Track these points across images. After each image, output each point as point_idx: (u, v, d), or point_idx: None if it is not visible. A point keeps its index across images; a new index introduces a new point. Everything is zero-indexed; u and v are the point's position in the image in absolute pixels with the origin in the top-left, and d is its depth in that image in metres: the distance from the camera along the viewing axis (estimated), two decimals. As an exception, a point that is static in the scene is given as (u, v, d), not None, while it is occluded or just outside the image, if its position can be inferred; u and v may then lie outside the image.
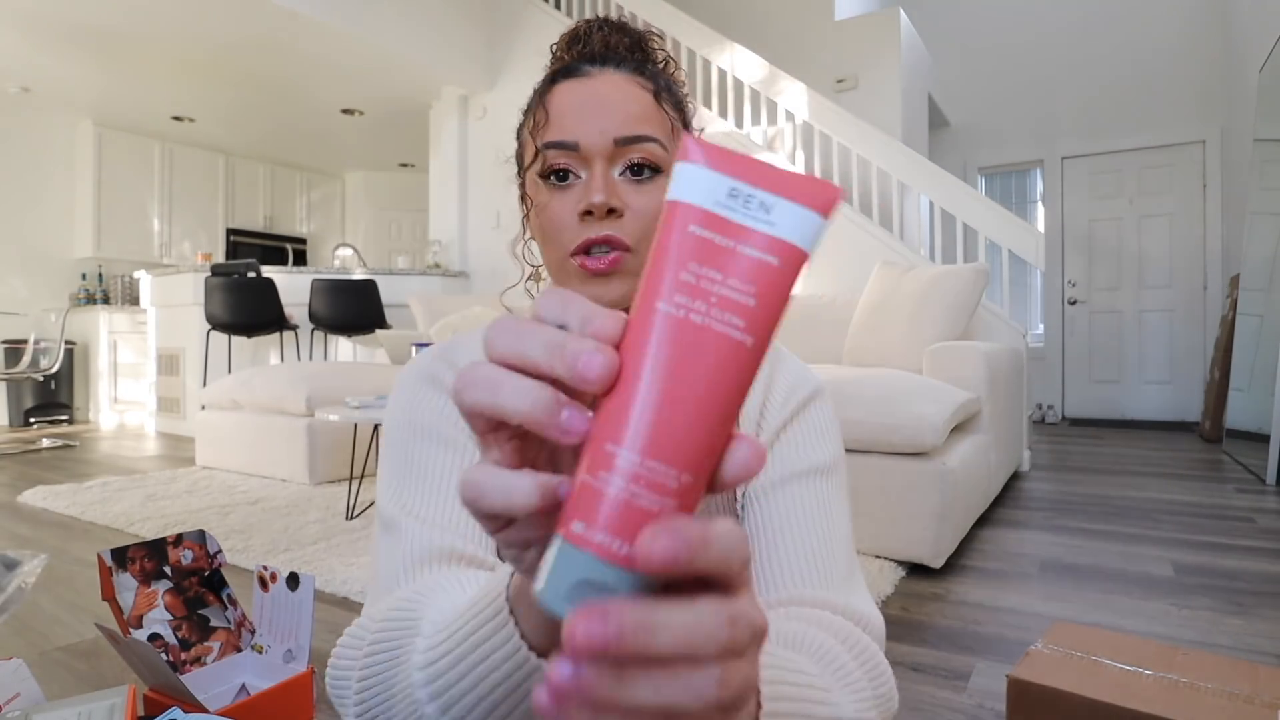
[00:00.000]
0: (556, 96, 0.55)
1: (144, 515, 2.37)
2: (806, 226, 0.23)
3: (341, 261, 5.43)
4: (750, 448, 0.22)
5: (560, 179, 0.54)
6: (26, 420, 5.19)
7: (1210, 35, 4.89)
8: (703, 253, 0.22)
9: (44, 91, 5.15)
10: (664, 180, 0.54)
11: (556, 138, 0.53)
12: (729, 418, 0.22)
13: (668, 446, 0.22)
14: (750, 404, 0.58)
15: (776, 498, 0.56)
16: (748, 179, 0.23)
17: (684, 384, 0.22)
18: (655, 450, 0.22)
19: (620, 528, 0.21)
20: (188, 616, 1.04)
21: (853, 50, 4.76)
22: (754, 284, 0.22)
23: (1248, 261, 3.73)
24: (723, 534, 0.21)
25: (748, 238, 0.22)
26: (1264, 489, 2.79)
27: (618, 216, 0.53)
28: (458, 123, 5.06)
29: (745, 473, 0.22)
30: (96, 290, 5.82)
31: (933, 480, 1.79)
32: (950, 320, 2.60)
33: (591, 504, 0.22)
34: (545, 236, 0.55)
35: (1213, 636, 1.41)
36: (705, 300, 0.22)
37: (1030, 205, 5.69)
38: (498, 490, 0.23)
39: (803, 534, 0.54)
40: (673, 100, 0.57)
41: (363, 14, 4.17)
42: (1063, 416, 5.36)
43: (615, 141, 0.53)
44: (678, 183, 0.23)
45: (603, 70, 0.55)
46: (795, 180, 0.23)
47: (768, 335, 0.23)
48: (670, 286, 0.22)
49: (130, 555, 1.01)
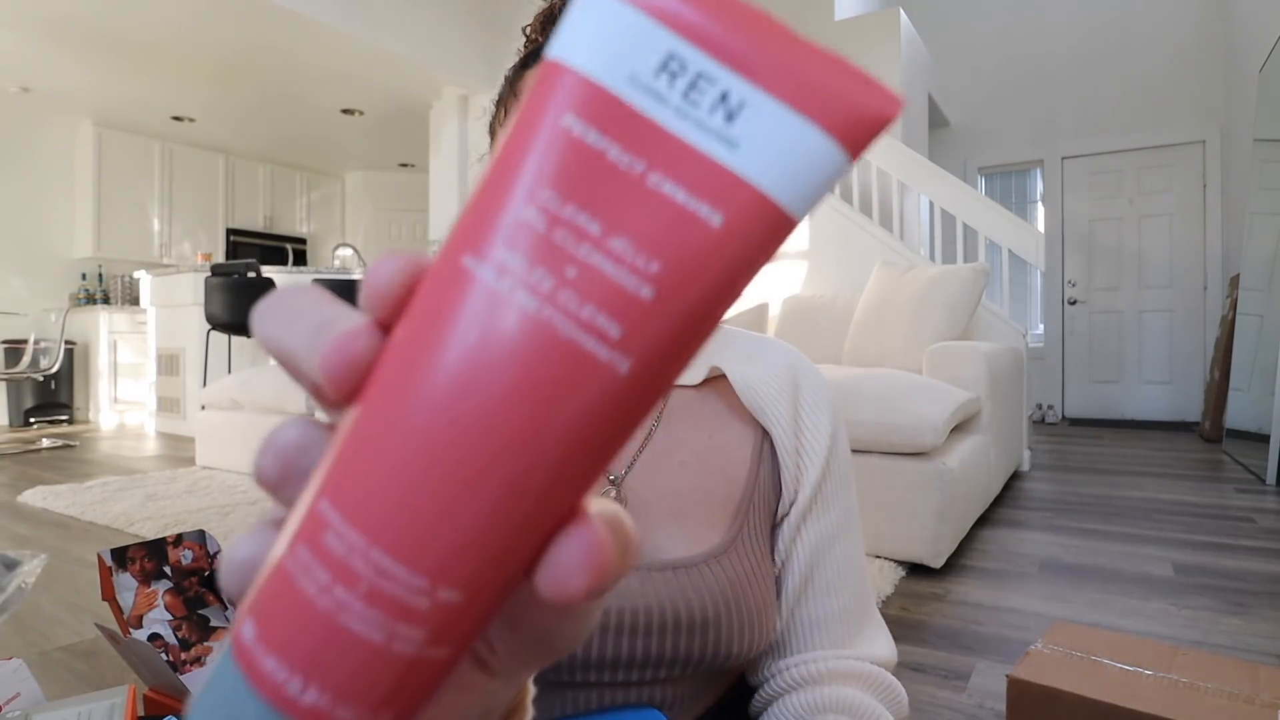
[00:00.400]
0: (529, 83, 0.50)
1: (144, 515, 2.37)
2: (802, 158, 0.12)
3: (341, 262, 5.43)
4: (585, 549, 0.13)
5: None
6: (26, 420, 5.19)
7: (1210, 35, 4.89)
8: (578, 174, 0.12)
9: (44, 91, 5.15)
10: None
11: None
12: (552, 495, 0.12)
13: (413, 535, 0.12)
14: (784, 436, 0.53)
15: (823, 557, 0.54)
16: (706, 39, 0.12)
17: (472, 424, 0.12)
18: (389, 536, 0.12)
19: (306, 659, 0.12)
20: (188, 616, 1.04)
21: (853, 50, 4.76)
22: (662, 255, 0.12)
23: (1248, 261, 3.73)
24: None
25: (674, 160, 0.12)
26: (1264, 489, 2.79)
27: None
28: (458, 123, 5.06)
29: (566, 591, 0.13)
30: (96, 290, 5.82)
31: (933, 480, 1.79)
32: (950, 320, 2.60)
33: (273, 597, 0.13)
34: None
35: (1213, 636, 1.40)
36: (558, 270, 0.12)
37: (1030, 205, 5.69)
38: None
39: (841, 595, 0.54)
40: None
41: (363, 14, 4.17)
42: (1063, 416, 5.36)
43: None
44: (568, 27, 0.13)
45: None
46: (808, 62, 0.13)
47: (670, 360, 0.12)
48: (499, 229, 0.12)
49: (130, 555, 1.01)
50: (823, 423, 0.55)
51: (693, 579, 0.48)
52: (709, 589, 0.48)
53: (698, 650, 0.47)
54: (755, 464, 0.53)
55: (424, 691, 0.13)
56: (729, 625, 0.48)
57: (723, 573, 0.49)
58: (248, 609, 0.13)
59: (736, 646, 0.48)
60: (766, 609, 0.51)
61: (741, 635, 0.48)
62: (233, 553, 0.15)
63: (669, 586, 0.47)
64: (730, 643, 0.48)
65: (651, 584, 0.47)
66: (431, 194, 5.22)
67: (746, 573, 0.50)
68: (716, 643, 0.47)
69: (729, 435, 0.54)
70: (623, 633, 0.46)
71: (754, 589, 0.50)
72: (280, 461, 0.15)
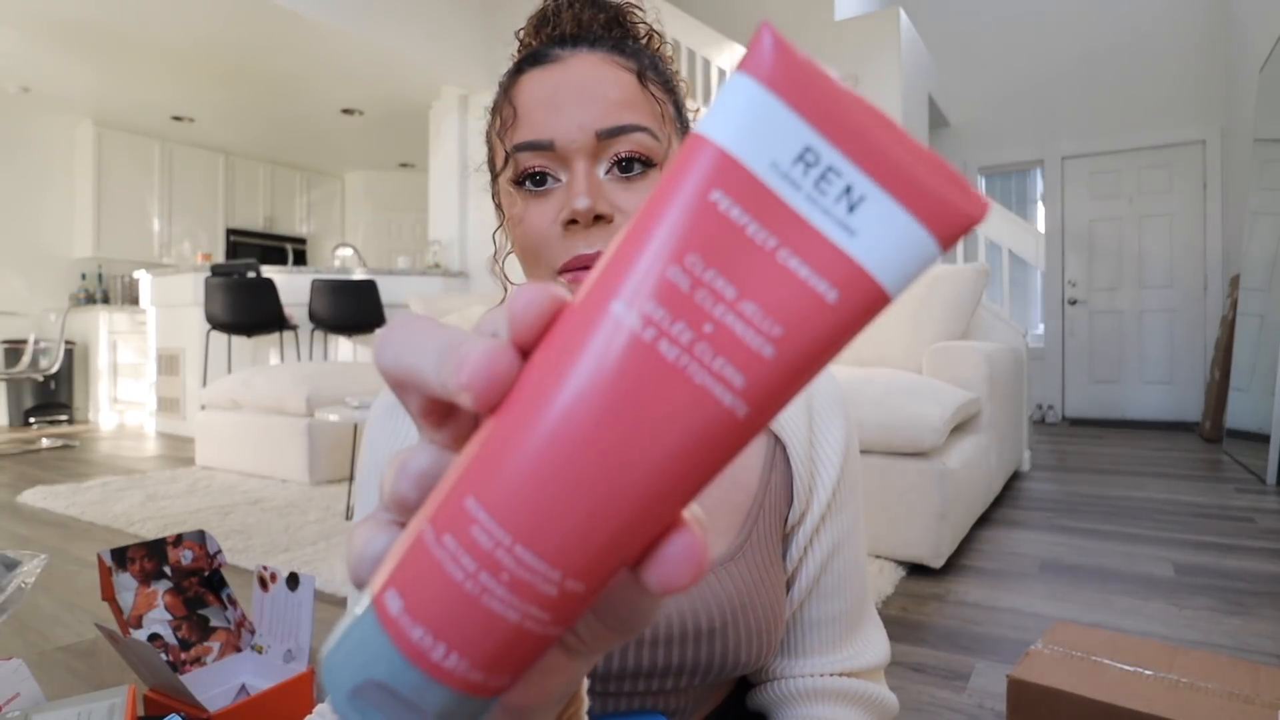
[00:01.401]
0: (524, 88, 0.47)
1: (144, 515, 2.37)
2: (906, 250, 0.14)
3: (341, 261, 5.43)
4: (690, 550, 0.16)
5: (536, 184, 0.46)
6: (26, 420, 5.19)
7: (1210, 35, 4.89)
8: (719, 243, 0.14)
9: (44, 91, 5.16)
10: (657, 174, 0.46)
11: (527, 137, 0.45)
12: (667, 510, 0.15)
13: (555, 535, 0.14)
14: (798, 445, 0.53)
15: (831, 563, 0.55)
16: (839, 136, 0.14)
17: (612, 447, 0.14)
18: (534, 535, 0.14)
19: (451, 631, 0.15)
20: (188, 616, 1.04)
21: (853, 50, 4.76)
22: (784, 322, 0.14)
23: (1248, 261, 3.73)
24: None
25: (802, 240, 0.14)
26: (1264, 489, 2.79)
27: (607, 223, 0.44)
28: (458, 122, 5.06)
29: (672, 585, 0.16)
30: (96, 290, 5.82)
31: (933, 480, 1.79)
32: (950, 320, 2.60)
33: (420, 577, 0.15)
34: (526, 252, 0.47)
35: (1213, 636, 1.40)
36: (695, 325, 0.14)
37: (1030, 205, 5.69)
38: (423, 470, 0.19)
39: (841, 599, 0.56)
40: (660, 80, 0.49)
41: (362, 14, 4.17)
42: (1063, 416, 5.36)
43: (596, 135, 0.44)
44: (720, 108, 0.14)
45: (575, 52, 0.47)
46: (918, 164, 0.14)
47: (776, 407, 0.15)
48: (644, 281, 0.14)
49: (130, 555, 1.01)
50: (836, 431, 0.55)
51: (700, 588, 0.47)
52: (716, 598, 0.47)
53: (705, 659, 0.47)
54: (768, 472, 0.53)
55: (532, 661, 0.16)
56: (736, 634, 0.48)
57: (730, 581, 0.48)
58: (388, 583, 0.16)
59: (745, 655, 0.48)
60: (775, 618, 0.51)
61: (750, 644, 0.48)
62: (366, 548, 0.18)
63: (678, 597, 0.46)
64: (739, 651, 0.48)
65: None
66: (431, 194, 5.22)
67: (755, 581, 0.50)
68: (724, 652, 0.47)
69: None
70: (632, 644, 0.46)
71: (762, 597, 0.50)
72: (420, 486, 0.17)
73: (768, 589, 0.50)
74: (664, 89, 0.49)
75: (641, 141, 0.45)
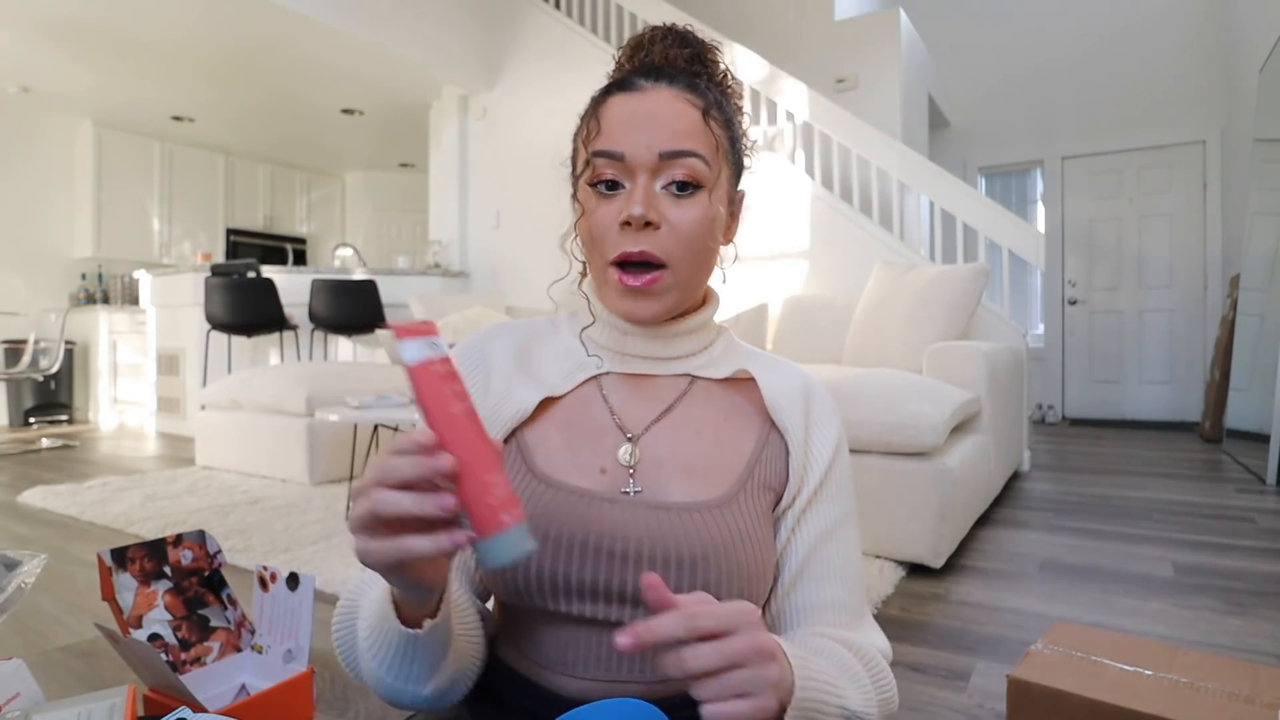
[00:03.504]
0: (610, 108, 0.57)
1: (144, 515, 2.37)
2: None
3: (341, 261, 5.43)
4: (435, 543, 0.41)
5: (608, 188, 0.56)
6: (26, 420, 5.19)
7: (1210, 35, 4.89)
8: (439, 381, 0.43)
9: (44, 91, 5.15)
10: (705, 195, 0.57)
11: (605, 147, 0.56)
12: (478, 467, 0.42)
13: (484, 461, 0.42)
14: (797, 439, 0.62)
15: (819, 549, 0.61)
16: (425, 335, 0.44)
17: (464, 439, 0.42)
18: (486, 465, 0.42)
19: (514, 507, 0.42)
20: (188, 616, 1.04)
21: (853, 50, 4.76)
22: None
23: (1248, 261, 3.73)
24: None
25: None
26: (1264, 489, 2.79)
27: (655, 229, 0.55)
28: (458, 123, 5.06)
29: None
30: (96, 290, 5.82)
31: (933, 480, 1.79)
32: (950, 320, 2.60)
33: (502, 504, 0.41)
34: (590, 241, 0.58)
35: (1213, 636, 1.40)
36: (458, 391, 0.43)
37: (1030, 205, 5.69)
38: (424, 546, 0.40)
39: (834, 585, 0.61)
40: (722, 118, 0.59)
41: (363, 14, 4.17)
42: (1063, 416, 5.36)
43: (659, 155, 0.55)
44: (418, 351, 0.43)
45: (655, 85, 0.57)
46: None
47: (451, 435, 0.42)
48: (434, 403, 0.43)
49: (130, 555, 1.01)
50: (830, 434, 0.63)
51: (695, 521, 0.56)
52: (709, 532, 0.55)
53: (689, 587, 0.53)
54: (760, 448, 0.62)
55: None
56: (719, 568, 0.54)
57: (723, 520, 0.56)
58: (494, 513, 0.42)
59: (726, 594, 0.54)
60: (762, 566, 0.58)
61: (733, 580, 0.55)
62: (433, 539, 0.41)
63: (672, 526, 0.55)
64: (722, 585, 0.54)
65: (657, 521, 0.55)
66: (431, 194, 5.22)
67: (745, 529, 0.57)
68: (709, 584, 0.54)
69: (741, 422, 0.63)
70: (628, 560, 0.54)
71: (750, 543, 0.57)
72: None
73: (756, 540, 0.58)
74: (724, 125, 0.60)
75: (695, 166, 0.56)
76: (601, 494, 0.57)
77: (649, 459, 0.59)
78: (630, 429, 0.60)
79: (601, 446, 0.59)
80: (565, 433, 0.60)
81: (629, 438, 0.60)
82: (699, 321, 0.63)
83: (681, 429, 0.60)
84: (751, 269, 3.69)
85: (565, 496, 0.56)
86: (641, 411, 0.61)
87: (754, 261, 3.69)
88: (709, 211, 0.57)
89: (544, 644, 0.57)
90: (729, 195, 0.61)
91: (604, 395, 0.62)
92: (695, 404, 0.62)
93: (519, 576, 0.55)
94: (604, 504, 0.56)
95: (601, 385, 0.63)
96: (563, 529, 0.54)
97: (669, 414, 0.61)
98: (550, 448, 0.60)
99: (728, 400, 0.63)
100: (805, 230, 3.63)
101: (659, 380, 0.63)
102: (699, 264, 0.58)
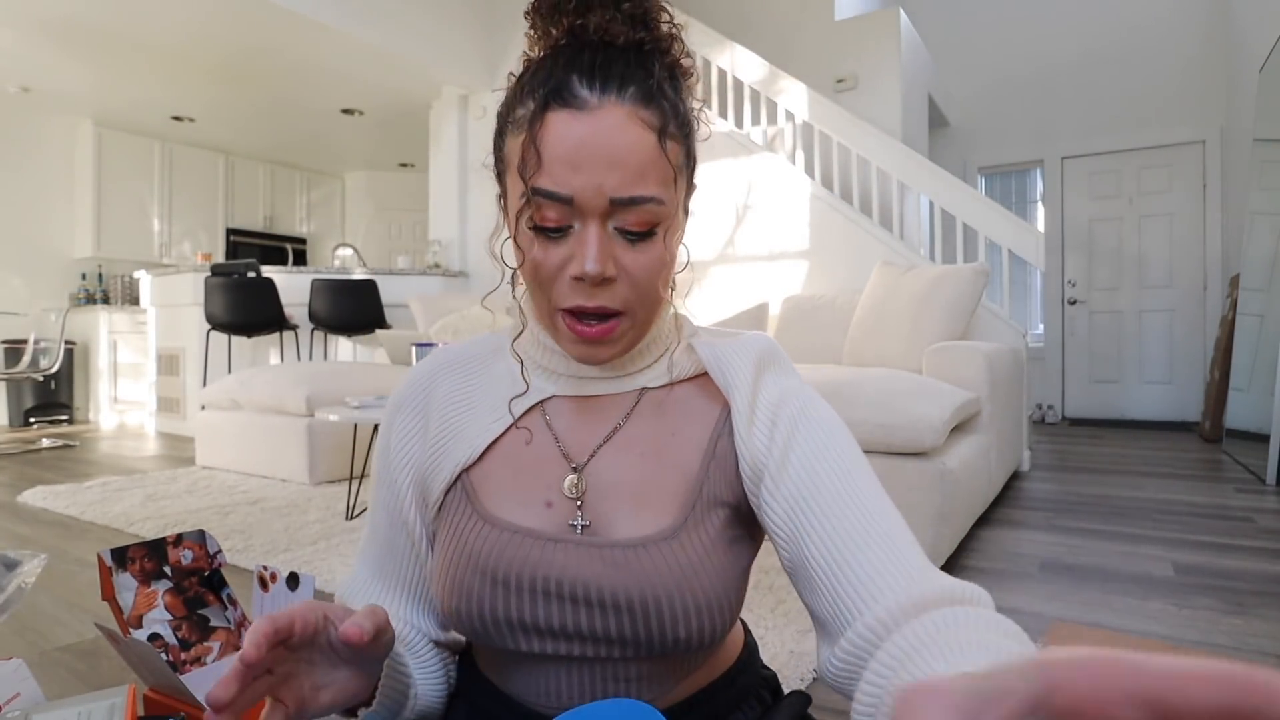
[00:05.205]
0: (549, 130, 0.48)
1: (144, 515, 2.37)
2: None
3: (341, 261, 5.43)
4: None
5: (553, 234, 0.50)
6: (26, 420, 5.19)
7: (1210, 35, 4.89)
8: None
9: (44, 91, 5.16)
10: (661, 236, 0.51)
11: (549, 186, 0.48)
12: None
13: None
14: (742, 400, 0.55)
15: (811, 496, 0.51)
16: None
17: None
18: None
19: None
20: (188, 616, 1.04)
21: (853, 50, 4.76)
22: None
23: (1248, 261, 3.73)
24: None
25: None
26: (1264, 489, 2.79)
27: (611, 282, 0.50)
28: (458, 122, 5.06)
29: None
30: (96, 290, 5.82)
31: (933, 480, 1.79)
32: (950, 320, 2.60)
33: None
34: (535, 283, 0.52)
35: (1213, 636, 1.40)
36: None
37: (1030, 205, 5.69)
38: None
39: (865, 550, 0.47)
40: (679, 124, 0.51)
41: (363, 14, 4.17)
42: (1063, 416, 5.36)
43: (611, 201, 0.48)
44: None
45: (602, 101, 0.48)
46: None
47: None
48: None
49: (130, 555, 1.01)
50: (782, 382, 0.57)
51: (643, 560, 0.51)
52: (659, 570, 0.51)
53: (644, 632, 0.50)
54: (707, 460, 0.56)
55: None
56: (676, 606, 0.50)
57: (672, 555, 0.52)
58: None
59: (684, 632, 0.51)
60: (720, 599, 0.52)
61: (689, 621, 0.51)
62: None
63: (619, 568, 0.51)
64: (678, 627, 0.50)
65: (602, 562, 0.51)
66: (431, 194, 5.22)
67: (696, 559, 0.52)
68: (663, 627, 0.50)
69: (691, 431, 0.57)
70: (578, 604, 0.51)
71: (704, 574, 0.52)
72: None
73: (711, 570, 0.52)
74: (682, 136, 0.52)
75: (650, 212, 0.49)
76: (548, 534, 0.54)
77: (595, 488, 0.55)
78: (575, 457, 0.57)
79: (547, 478, 0.56)
80: (510, 467, 0.57)
81: (574, 467, 0.56)
82: (650, 338, 0.58)
83: (627, 451, 0.56)
84: (751, 269, 3.69)
85: (510, 538, 0.54)
86: (587, 436, 0.57)
87: (754, 261, 3.69)
88: (667, 253, 0.52)
89: (514, 677, 0.57)
90: (685, 205, 0.55)
91: (548, 421, 0.58)
92: (642, 421, 0.57)
93: (475, 619, 0.53)
94: (551, 545, 0.53)
95: (546, 411, 0.59)
96: (509, 571, 0.52)
97: (614, 437, 0.57)
98: (494, 484, 0.57)
99: (679, 407, 0.58)
100: (805, 230, 3.63)
101: (608, 400, 0.58)
102: (655, 300, 0.53)
